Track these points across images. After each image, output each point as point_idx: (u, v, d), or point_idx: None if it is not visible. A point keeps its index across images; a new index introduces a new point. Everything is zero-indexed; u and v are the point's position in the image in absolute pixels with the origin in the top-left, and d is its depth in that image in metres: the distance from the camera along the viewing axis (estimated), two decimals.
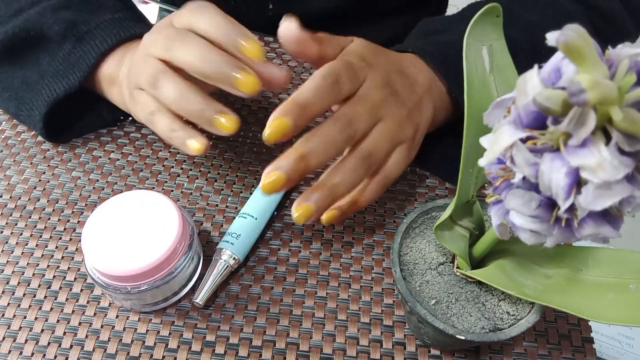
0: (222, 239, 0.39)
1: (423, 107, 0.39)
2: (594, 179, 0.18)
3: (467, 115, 0.28)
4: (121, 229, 0.34)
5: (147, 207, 0.35)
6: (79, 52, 0.42)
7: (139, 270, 0.33)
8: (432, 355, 0.36)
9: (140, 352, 0.36)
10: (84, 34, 0.42)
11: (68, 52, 0.42)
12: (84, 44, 0.42)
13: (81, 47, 0.42)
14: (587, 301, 0.28)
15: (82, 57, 0.42)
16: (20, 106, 0.44)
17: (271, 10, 0.61)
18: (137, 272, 0.32)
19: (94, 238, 0.34)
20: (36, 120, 0.43)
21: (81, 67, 0.42)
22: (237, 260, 0.38)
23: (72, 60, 0.42)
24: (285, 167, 0.31)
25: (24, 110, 0.44)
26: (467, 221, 0.33)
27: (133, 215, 0.35)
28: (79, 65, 0.42)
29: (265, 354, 0.36)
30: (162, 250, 0.33)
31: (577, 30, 0.17)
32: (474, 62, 0.28)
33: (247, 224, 0.40)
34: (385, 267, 0.40)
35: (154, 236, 0.34)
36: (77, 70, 0.42)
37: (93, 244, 0.33)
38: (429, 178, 0.45)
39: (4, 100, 0.45)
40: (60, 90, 0.42)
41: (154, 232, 0.34)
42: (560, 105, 0.18)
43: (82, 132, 0.47)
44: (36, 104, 0.43)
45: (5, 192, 0.43)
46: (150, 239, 0.34)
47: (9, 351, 0.35)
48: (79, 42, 0.42)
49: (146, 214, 0.35)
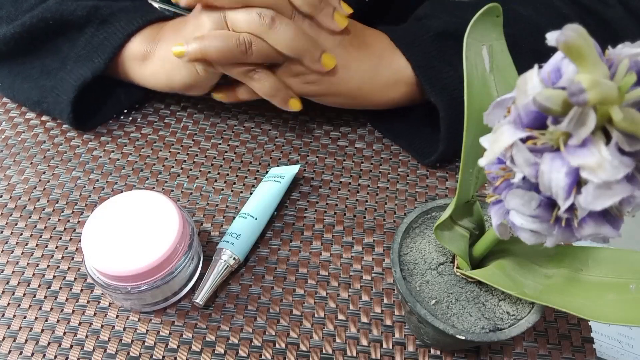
0: (222, 239, 0.39)
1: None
2: (594, 178, 0.18)
3: (467, 115, 0.28)
4: (121, 229, 0.34)
5: (147, 207, 0.35)
6: (102, 34, 0.42)
7: (139, 270, 0.32)
8: (432, 355, 0.36)
9: (140, 352, 0.36)
10: (108, 16, 0.43)
11: (91, 35, 0.42)
12: (108, 26, 0.42)
13: (105, 29, 0.42)
14: (587, 301, 0.28)
15: (106, 39, 0.42)
16: (45, 94, 0.44)
17: None
18: (137, 272, 0.32)
19: (94, 238, 0.34)
20: (63, 106, 0.43)
21: (106, 49, 0.42)
22: (237, 260, 0.38)
23: (95, 42, 0.42)
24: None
25: (50, 97, 0.44)
26: (467, 221, 0.33)
27: (133, 215, 0.35)
28: (103, 47, 0.42)
29: (265, 354, 0.36)
30: (162, 250, 0.33)
31: (577, 30, 0.17)
32: (474, 62, 0.28)
33: (247, 224, 0.40)
34: (385, 267, 0.40)
35: (154, 236, 0.34)
36: (101, 52, 0.42)
37: (93, 244, 0.33)
38: (429, 178, 0.45)
39: (24, 91, 0.45)
40: (87, 73, 0.42)
41: (154, 232, 0.34)
42: (560, 105, 0.18)
43: (104, 118, 0.48)
44: (63, 89, 0.43)
45: (5, 192, 0.43)
46: (150, 239, 0.34)
47: (9, 351, 0.35)
48: (103, 25, 0.42)
49: (146, 214, 0.35)
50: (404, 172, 0.46)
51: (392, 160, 0.46)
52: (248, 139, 0.48)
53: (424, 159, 0.45)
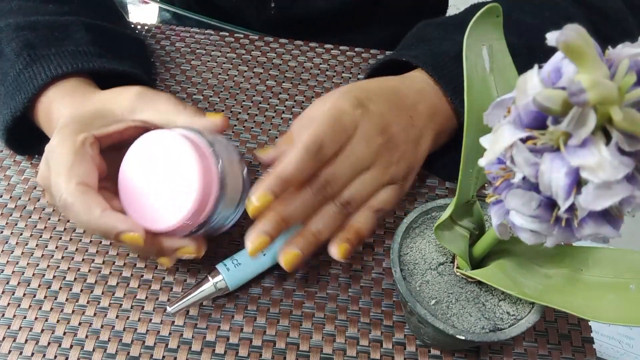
0: (223, 261, 0.37)
1: (422, 141, 0.39)
2: (594, 179, 0.18)
3: (467, 115, 0.28)
4: (147, 183, 0.33)
5: (167, 153, 0.33)
6: (29, 72, 0.39)
7: (171, 227, 0.32)
8: (432, 355, 0.36)
9: (140, 352, 0.36)
10: (40, 57, 0.39)
11: (18, 72, 0.39)
12: (37, 66, 0.39)
13: (33, 68, 0.39)
14: (587, 301, 0.28)
15: (30, 79, 0.39)
16: None
17: (273, 9, 0.61)
18: (169, 229, 0.32)
19: (127, 195, 0.33)
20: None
21: (27, 89, 0.38)
22: (225, 289, 0.37)
23: (21, 81, 0.39)
24: (270, 231, 0.33)
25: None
26: (467, 221, 0.33)
27: (155, 165, 0.33)
28: (26, 87, 0.39)
29: (265, 354, 0.36)
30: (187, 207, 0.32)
31: (577, 30, 0.17)
32: (474, 62, 0.28)
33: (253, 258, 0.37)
34: (385, 267, 0.40)
35: (179, 187, 0.32)
36: (23, 92, 0.39)
37: (128, 202, 0.33)
38: (429, 178, 0.45)
39: None
40: (7, 116, 0.39)
41: (179, 183, 0.32)
42: (560, 105, 0.18)
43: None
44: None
45: (5, 192, 0.43)
46: (176, 190, 0.32)
47: (9, 351, 0.35)
48: (32, 63, 0.39)
49: (168, 161, 0.33)
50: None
51: None
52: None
53: (446, 178, 0.45)
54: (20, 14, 0.42)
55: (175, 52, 0.54)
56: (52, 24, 0.42)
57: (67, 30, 0.42)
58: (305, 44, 0.55)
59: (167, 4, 0.70)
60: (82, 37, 0.42)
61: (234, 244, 0.41)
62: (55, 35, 0.41)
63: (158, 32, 0.56)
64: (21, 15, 0.42)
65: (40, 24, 0.42)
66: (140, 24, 0.57)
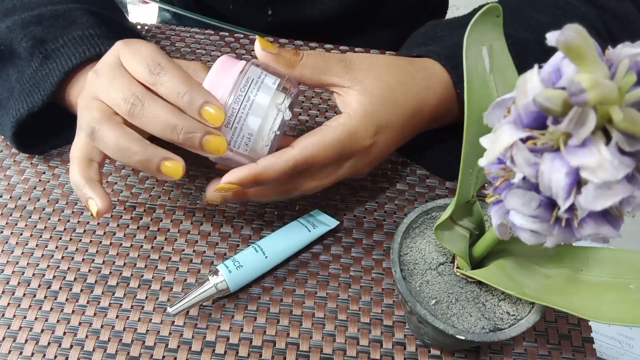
0: (224, 261, 0.37)
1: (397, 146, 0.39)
2: (594, 179, 0.18)
3: (467, 115, 0.28)
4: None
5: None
6: (45, 70, 0.40)
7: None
8: (432, 355, 0.36)
9: (140, 352, 0.36)
10: (51, 52, 0.41)
11: (35, 70, 0.41)
12: (50, 62, 0.40)
13: (47, 66, 0.40)
14: (587, 301, 0.28)
15: (47, 76, 0.40)
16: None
17: (270, 16, 0.61)
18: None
19: None
20: (7, 136, 0.42)
21: (45, 87, 0.40)
22: (225, 290, 0.37)
23: (38, 78, 0.40)
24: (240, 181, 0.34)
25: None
26: (467, 221, 0.33)
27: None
28: (43, 84, 0.40)
29: (265, 354, 0.36)
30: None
31: (577, 30, 0.17)
32: (474, 62, 0.28)
33: (255, 259, 0.38)
34: (385, 267, 0.40)
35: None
36: (41, 89, 0.40)
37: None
38: (429, 178, 0.45)
39: None
40: (23, 109, 0.40)
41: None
42: (560, 105, 0.18)
43: (57, 145, 0.46)
44: (4, 121, 0.41)
45: (5, 192, 0.43)
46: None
47: (9, 351, 0.35)
48: (46, 60, 0.40)
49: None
50: (404, 172, 0.46)
51: (392, 160, 0.46)
52: None
53: (446, 177, 0.45)
54: (24, 10, 0.43)
55: (175, 52, 0.54)
56: (55, 13, 0.43)
57: (72, 16, 0.43)
58: (305, 44, 0.55)
59: (167, 4, 0.70)
60: (87, 20, 0.43)
61: (234, 244, 0.41)
62: (60, 23, 0.42)
63: (158, 32, 0.56)
64: (25, 11, 0.43)
65: (45, 16, 0.42)
66: (140, 24, 0.57)
